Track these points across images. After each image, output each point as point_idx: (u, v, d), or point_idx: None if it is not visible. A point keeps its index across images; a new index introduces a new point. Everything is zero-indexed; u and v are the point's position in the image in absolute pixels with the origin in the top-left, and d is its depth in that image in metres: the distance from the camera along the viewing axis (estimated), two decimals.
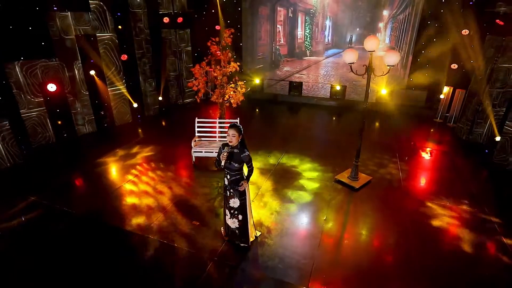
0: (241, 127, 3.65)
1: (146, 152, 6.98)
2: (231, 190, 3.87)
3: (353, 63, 4.93)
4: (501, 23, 6.77)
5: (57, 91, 7.16)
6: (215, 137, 6.65)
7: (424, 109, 9.65)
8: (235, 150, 3.67)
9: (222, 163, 3.68)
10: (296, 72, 11.26)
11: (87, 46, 7.39)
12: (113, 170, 6.20)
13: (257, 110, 10.70)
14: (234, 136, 3.60)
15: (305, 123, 9.28)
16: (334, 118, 9.83)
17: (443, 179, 5.96)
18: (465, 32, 8.43)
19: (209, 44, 6.37)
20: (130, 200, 5.18)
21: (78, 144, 7.48)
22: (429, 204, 5.11)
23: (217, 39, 6.34)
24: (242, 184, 3.78)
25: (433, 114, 9.27)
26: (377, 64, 5.21)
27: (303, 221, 4.70)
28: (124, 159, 6.62)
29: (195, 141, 6.40)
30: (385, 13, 9.61)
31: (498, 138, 6.64)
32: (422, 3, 8.98)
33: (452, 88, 8.67)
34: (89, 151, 7.00)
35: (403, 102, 9.96)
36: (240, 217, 3.98)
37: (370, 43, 4.66)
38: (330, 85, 10.80)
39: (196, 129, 6.57)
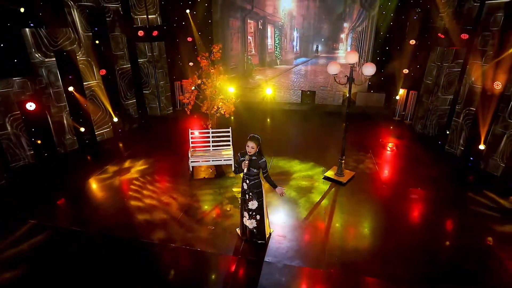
0: (260, 138, 4.12)
1: (139, 166, 7.04)
2: (250, 194, 4.32)
3: (336, 74, 5.68)
4: (442, 36, 8.16)
5: (36, 109, 6.90)
6: (208, 146, 6.98)
7: (384, 109, 10.97)
8: (253, 158, 4.14)
9: (245, 170, 4.11)
10: (268, 80, 11.96)
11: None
12: (111, 186, 6.20)
13: (232, 118, 11.12)
14: (253, 148, 4.07)
15: (283, 127, 9.95)
16: (307, 122, 10.66)
17: (410, 168, 7.01)
18: (412, 42, 9.87)
19: (199, 59, 6.71)
20: (139, 213, 5.31)
21: (62, 162, 7.23)
22: (404, 189, 6.04)
23: (206, 54, 6.71)
24: (283, 191, 4.27)
25: (391, 113, 10.60)
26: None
27: (306, 215, 5.29)
28: (119, 174, 6.62)
29: (190, 151, 6.66)
30: (346, 25, 10.77)
31: (448, 132, 7.96)
32: (376, 17, 10.28)
33: (406, 90, 10.04)
34: (77, 169, 6.85)
35: (366, 103, 11.20)
36: (258, 217, 4.43)
37: (350, 57, 5.44)
38: (300, 91, 11.68)
39: (190, 140, 6.83)
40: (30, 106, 6.81)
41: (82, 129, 8.03)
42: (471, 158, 7.12)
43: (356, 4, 10.48)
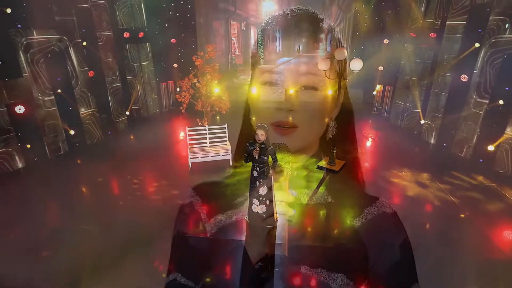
0: (267, 126, 4.47)
1: (137, 165, 7.08)
2: (261, 180, 4.64)
3: (326, 69, 6.15)
4: (414, 35, 8.98)
5: (26, 112, 6.75)
6: (206, 142, 7.19)
7: (363, 104, 11.73)
8: (262, 146, 4.49)
9: (256, 157, 4.45)
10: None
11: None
12: (114, 186, 6.23)
13: (217, 117, 11.36)
14: (263, 136, 4.42)
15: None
16: (291, 118, 11.11)
17: (393, 156, 7.67)
18: (385, 41, 10.68)
19: (194, 58, 6.93)
20: (149, 210, 5.42)
21: (54, 166, 7.09)
22: (390, 174, 6.66)
23: (201, 53, 6.94)
24: (270, 172, 4.64)
25: (370, 107, 11.37)
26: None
27: (307, 201, 5.67)
28: (119, 174, 6.64)
29: (189, 148, 6.84)
30: (325, 25, 11.42)
31: (422, 122, 8.77)
32: (352, 18, 11.01)
33: (382, 86, 10.85)
34: (73, 172, 6.78)
35: (345, 99, 11.88)
36: (267, 202, 4.71)
37: (339, 54, 5.92)
38: (284, 89, 12.14)
39: (188, 137, 7.01)
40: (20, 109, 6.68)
41: (72, 132, 7.90)
42: (444, 145, 7.94)
43: (333, 6, 11.16)
